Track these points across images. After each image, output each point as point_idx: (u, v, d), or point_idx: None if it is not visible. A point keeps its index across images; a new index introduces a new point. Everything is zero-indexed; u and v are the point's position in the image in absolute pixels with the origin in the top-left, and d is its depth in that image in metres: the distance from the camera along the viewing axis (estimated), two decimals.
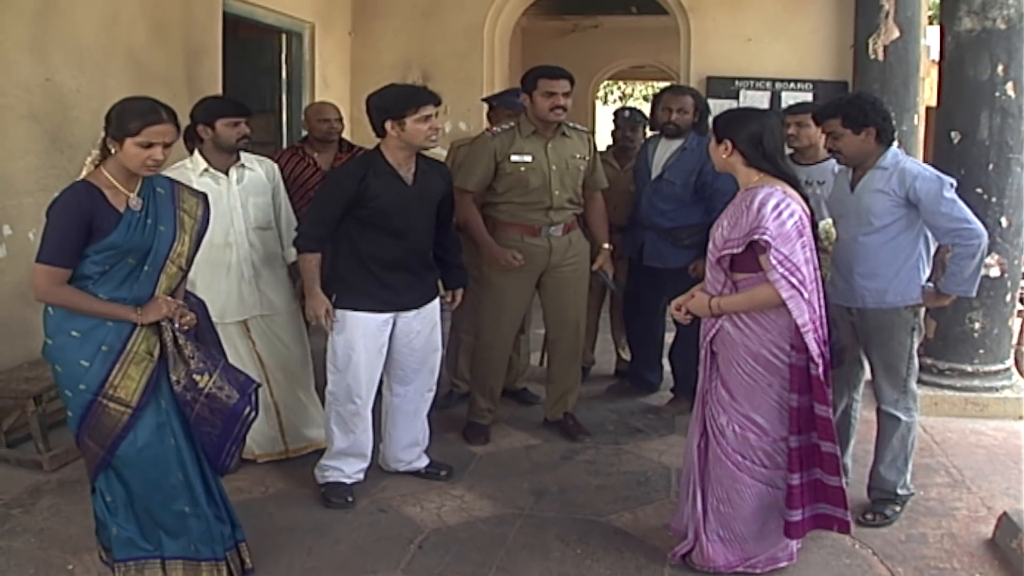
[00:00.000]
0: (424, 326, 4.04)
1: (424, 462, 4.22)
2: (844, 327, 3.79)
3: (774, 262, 3.06)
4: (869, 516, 3.76)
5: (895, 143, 3.76)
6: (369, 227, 3.84)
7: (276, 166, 4.35)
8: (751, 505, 3.27)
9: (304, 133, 5.51)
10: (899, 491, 3.83)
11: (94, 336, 2.93)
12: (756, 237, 3.07)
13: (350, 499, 3.91)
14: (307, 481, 4.07)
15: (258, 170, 4.20)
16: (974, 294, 3.70)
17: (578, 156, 4.57)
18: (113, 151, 2.92)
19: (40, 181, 4.68)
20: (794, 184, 3.23)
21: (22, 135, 4.62)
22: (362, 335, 3.88)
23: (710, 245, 3.31)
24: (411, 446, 4.17)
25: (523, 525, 3.76)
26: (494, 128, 4.67)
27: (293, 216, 4.32)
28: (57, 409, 4.39)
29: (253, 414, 3.16)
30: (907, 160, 3.72)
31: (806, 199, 3.24)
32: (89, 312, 2.92)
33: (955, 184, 3.62)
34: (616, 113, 5.91)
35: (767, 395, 3.21)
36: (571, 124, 4.63)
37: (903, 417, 3.79)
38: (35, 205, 4.64)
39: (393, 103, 3.77)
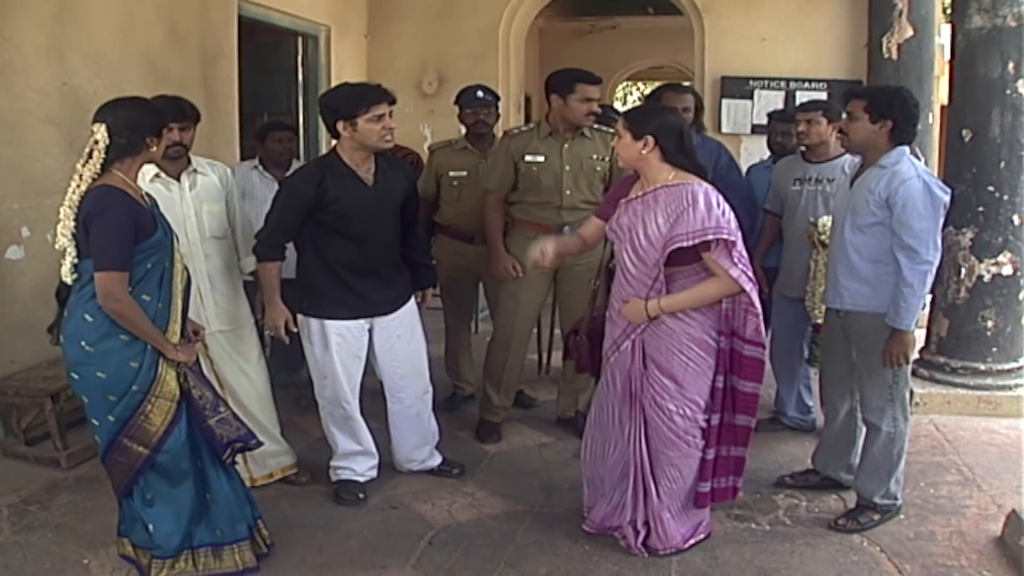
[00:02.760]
0: (404, 329, 4.00)
1: (437, 460, 4.24)
2: (835, 329, 3.79)
3: (735, 259, 3.23)
4: (842, 521, 3.69)
5: (907, 146, 3.59)
6: (333, 232, 3.76)
7: (230, 171, 4.09)
8: (693, 476, 3.47)
9: None
10: (876, 500, 3.70)
11: (139, 338, 3.01)
12: (723, 237, 3.19)
13: (361, 496, 3.94)
14: (319, 477, 4.12)
15: (211, 175, 3.92)
16: (912, 328, 3.53)
17: (596, 157, 4.54)
18: (153, 149, 3.04)
19: (58, 184, 4.71)
20: (706, 180, 3.34)
21: (40, 138, 4.69)
22: (336, 343, 3.85)
23: (637, 242, 3.33)
24: (420, 446, 4.19)
25: (533, 522, 3.78)
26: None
27: (250, 223, 4.09)
28: (75, 408, 4.45)
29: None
30: (908, 164, 3.51)
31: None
32: (141, 329, 2.97)
33: (947, 205, 3.49)
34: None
35: (706, 376, 3.38)
36: (595, 125, 4.62)
37: (884, 427, 3.65)
38: (53, 207, 4.62)
39: (344, 103, 3.68)
